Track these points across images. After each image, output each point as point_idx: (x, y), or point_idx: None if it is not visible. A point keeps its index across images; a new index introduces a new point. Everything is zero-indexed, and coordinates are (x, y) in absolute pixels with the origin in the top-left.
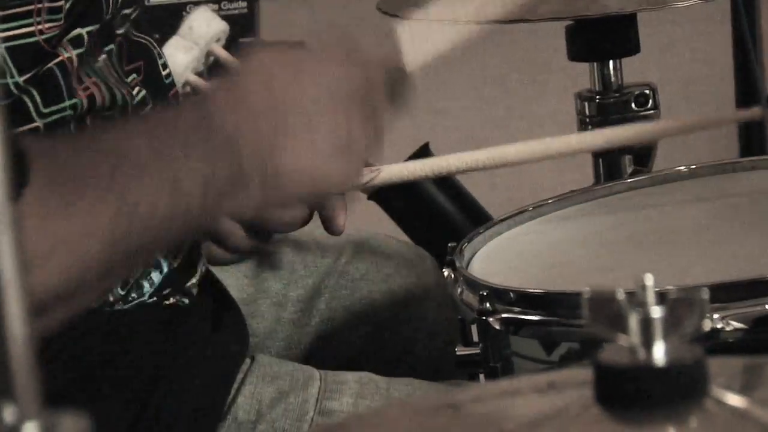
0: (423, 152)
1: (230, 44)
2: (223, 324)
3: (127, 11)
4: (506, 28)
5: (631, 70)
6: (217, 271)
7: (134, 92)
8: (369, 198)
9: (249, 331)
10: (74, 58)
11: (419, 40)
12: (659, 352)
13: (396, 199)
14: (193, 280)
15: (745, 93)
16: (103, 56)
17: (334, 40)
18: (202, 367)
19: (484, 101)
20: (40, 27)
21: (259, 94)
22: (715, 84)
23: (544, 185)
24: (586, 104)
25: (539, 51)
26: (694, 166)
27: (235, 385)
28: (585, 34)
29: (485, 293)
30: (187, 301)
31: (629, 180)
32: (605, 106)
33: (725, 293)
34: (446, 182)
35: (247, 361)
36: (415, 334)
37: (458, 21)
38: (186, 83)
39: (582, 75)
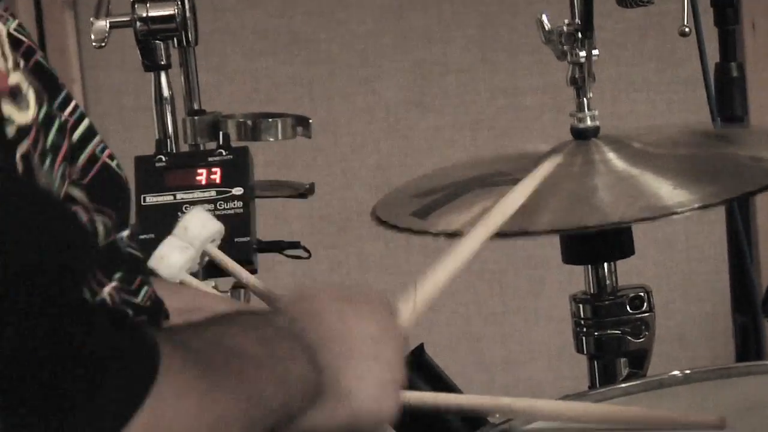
0: (418, 353)
1: (225, 244)
2: None
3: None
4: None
5: (627, 270)
6: None
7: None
8: None
9: None
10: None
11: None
12: None
13: None
14: None
15: (741, 292)
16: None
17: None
18: None
19: (480, 297)
20: None
21: (328, 317)
22: (711, 283)
23: (539, 383)
24: (581, 306)
25: (536, 248)
26: (688, 372)
27: None
28: (579, 238)
29: None
30: None
31: (624, 385)
32: (600, 308)
33: None
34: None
35: None
36: None
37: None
38: (181, 283)
39: (578, 274)
